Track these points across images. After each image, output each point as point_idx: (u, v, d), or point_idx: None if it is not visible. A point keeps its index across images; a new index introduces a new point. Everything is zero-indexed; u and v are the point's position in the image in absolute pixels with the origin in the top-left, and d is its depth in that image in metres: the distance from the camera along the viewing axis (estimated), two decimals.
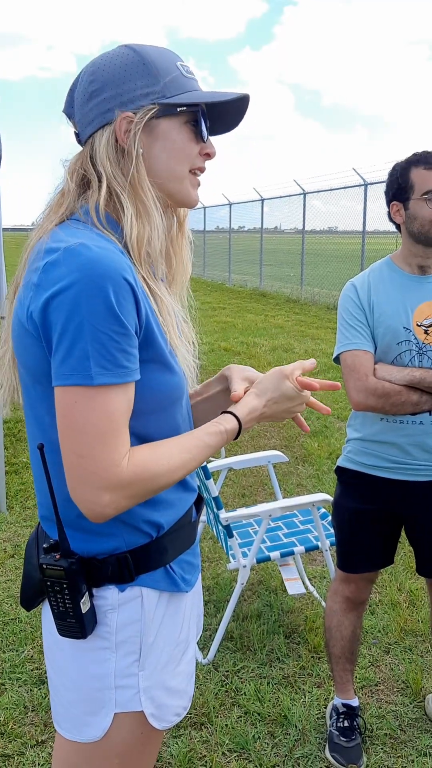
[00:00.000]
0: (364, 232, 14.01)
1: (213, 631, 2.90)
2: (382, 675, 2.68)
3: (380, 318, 2.03)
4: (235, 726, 2.39)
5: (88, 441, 1.00)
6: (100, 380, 0.99)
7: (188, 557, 1.27)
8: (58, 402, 1.01)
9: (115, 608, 1.15)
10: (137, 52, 1.13)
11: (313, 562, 3.55)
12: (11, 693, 2.54)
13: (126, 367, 1.02)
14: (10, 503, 4.28)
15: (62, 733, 1.21)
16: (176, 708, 1.25)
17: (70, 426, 1.01)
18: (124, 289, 1.00)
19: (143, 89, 1.11)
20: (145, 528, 1.16)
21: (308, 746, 2.30)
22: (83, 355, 0.98)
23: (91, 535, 1.13)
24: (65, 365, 0.99)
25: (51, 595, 1.11)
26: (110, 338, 0.99)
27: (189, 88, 1.16)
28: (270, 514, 2.71)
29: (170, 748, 2.28)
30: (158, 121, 1.13)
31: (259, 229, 19.78)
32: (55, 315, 0.99)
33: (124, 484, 1.02)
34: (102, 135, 1.12)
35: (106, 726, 1.16)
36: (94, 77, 1.13)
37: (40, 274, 1.02)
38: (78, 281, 0.98)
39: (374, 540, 2.21)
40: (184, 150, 1.16)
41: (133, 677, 1.17)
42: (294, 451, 5.36)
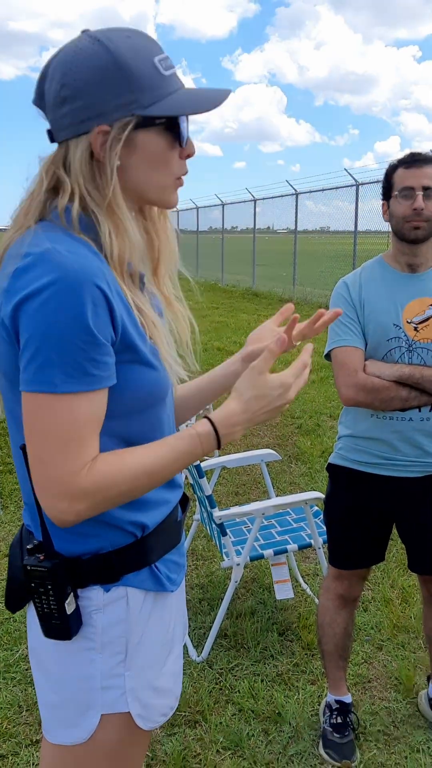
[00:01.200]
0: (355, 232, 14.05)
1: (207, 629, 2.90)
2: (374, 672, 2.69)
3: (370, 315, 2.05)
4: (229, 723, 2.40)
5: (48, 447, 0.99)
6: (63, 388, 0.97)
7: (174, 557, 1.26)
8: (23, 407, 1.00)
9: (101, 609, 1.14)
10: (111, 52, 1.03)
11: (306, 560, 3.57)
12: (5, 692, 2.54)
13: (93, 375, 0.99)
14: (4, 502, 4.27)
15: (47, 736, 1.20)
16: (163, 708, 1.24)
17: (34, 431, 1.00)
18: (95, 296, 0.98)
19: (119, 99, 1.04)
20: (129, 528, 1.15)
21: (302, 743, 2.31)
22: (47, 362, 0.96)
23: (74, 536, 1.12)
24: (29, 371, 0.98)
25: (35, 596, 1.10)
26: (78, 348, 0.97)
27: (168, 91, 1.08)
28: (263, 512, 2.72)
29: (165, 746, 2.28)
30: (135, 133, 1.07)
31: (252, 230, 19.80)
32: (24, 320, 0.97)
33: (81, 493, 1.00)
34: (77, 145, 1.06)
35: (92, 727, 1.15)
36: (65, 81, 1.04)
37: (10, 279, 0.99)
38: (47, 287, 0.95)
39: (366, 536, 2.22)
40: (165, 159, 1.11)
41: (119, 678, 1.16)
42: (287, 449, 5.38)
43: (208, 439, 1.11)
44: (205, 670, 2.68)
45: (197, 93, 1.11)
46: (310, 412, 6.38)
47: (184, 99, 1.09)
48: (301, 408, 6.51)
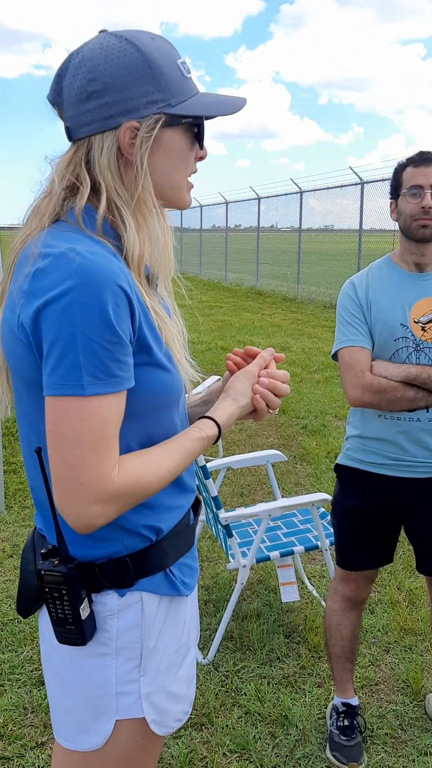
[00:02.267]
0: (360, 231, 14.03)
1: (213, 631, 2.89)
2: (382, 674, 2.68)
3: (378, 315, 2.04)
4: (235, 726, 2.38)
5: (79, 451, 0.98)
6: (92, 390, 0.97)
7: (187, 560, 1.25)
8: (48, 411, 0.99)
9: (115, 614, 1.13)
10: (141, 51, 1.06)
11: (312, 562, 3.55)
12: (10, 694, 2.53)
13: (118, 376, 0.99)
14: (8, 503, 4.26)
15: (62, 742, 1.19)
16: (177, 713, 1.23)
17: (61, 436, 0.98)
18: (119, 297, 0.98)
19: (149, 96, 1.06)
20: (144, 532, 1.14)
21: (309, 746, 2.30)
22: (75, 364, 0.95)
23: (90, 540, 1.11)
24: (56, 375, 0.96)
25: (50, 601, 1.09)
26: (103, 348, 0.96)
27: (191, 93, 1.12)
28: (269, 513, 2.70)
29: (171, 749, 2.27)
30: (162, 131, 1.08)
31: (256, 228, 19.78)
32: (47, 324, 0.96)
33: (114, 495, 1.00)
34: (103, 142, 1.06)
35: (107, 733, 1.14)
36: (94, 75, 1.04)
37: (30, 281, 0.99)
38: (71, 289, 0.95)
39: (373, 537, 2.20)
40: (185, 159, 1.14)
41: (134, 683, 1.15)
42: (292, 450, 5.36)
43: (212, 439, 1.17)
44: (211, 673, 2.67)
45: (217, 97, 1.15)
46: (316, 412, 6.37)
47: (208, 101, 1.13)
48: (306, 408, 6.49)
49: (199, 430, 1.15)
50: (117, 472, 1.01)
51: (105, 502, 0.99)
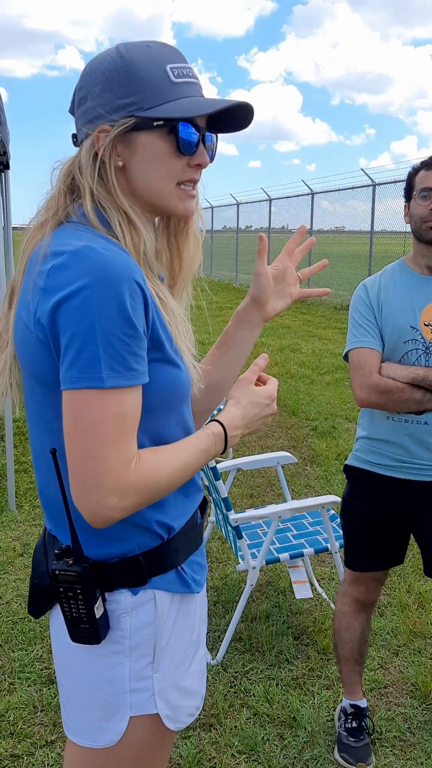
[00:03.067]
0: (372, 233, 13.99)
1: (222, 632, 2.90)
2: (391, 677, 2.68)
3: (388, 317, 2.05)
4: (244, 727, 2.39)
5: (100, 443, 0.99)
6: (111, 383, 0.98)
7: (197, 558, 1.26)
8: (66, 405, 1.00)
9: (128, 612, 1.14)
10: (123, 57, 1.08)
11: (322, 564, 3.55)
12: (21, 692, 2.54)
13: (136, 369, 1.01)
14: (19, 502, 4.29)
15: (75, 740, 1.20)
16: (189, 708, 1.25)
17: (81, 428, 0.99)
18: (135, 291, 1.00)
19: (121, 100, 1.08)
20: (157, 530, 1.16)
21: (317, 748, 2.30)
22: (94, 358, 0.97)
23: (103, 539, 1.13)
24: (75, 368, 0.98)
25: (64, 601, 1.10)
26: (121, 341, 0.98)
27: (174, 96, 1.09)
28: (279, 515, 2.71)
29: (179, 749, 2.28)
30: (137, 135, 1.09)
31: (267, 229, 19.77)
32: (65, 319, 0.98)
33: (132, 487, 1.01)
34: (87, 145, 1.10)
35: (121, 730, 1.15)
36: (81, 84, 1.11)
37: (46, 278, 1.00)
38: (89, 285, 0.97)
39: (382, 538, 2.21)
40: (165, 164, 1.11)
41: (147, 680, 1.16)
42: (302, 451, 5.36)
43: (220, 440, 1.18)
44: (219, 674, 2.67)
45: (201, 100, 1.12)
46: (326, 414, 6.36)
47: (186, 105, 1.10)
48: (316, 410, 6.48)
49: (204, 428, 1.18)
50: (134, 464, 1.02)
51: (123, 494, 1.01)
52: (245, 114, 1.16)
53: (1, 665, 2.71)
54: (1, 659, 2.75)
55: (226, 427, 1.19)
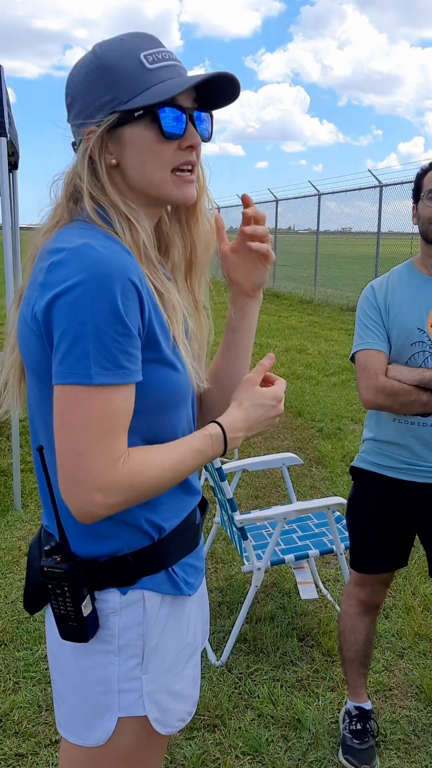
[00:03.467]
0: (378, 234, 13.98)
1: (226, 633, 2.90)
2: (395, 680, 2.67)
3: (395, 319, 2.05)
4: (248, 729, 2.39)
5: (86, 439, 0.99)
6: (99, 380, 0.98)
7: (191, 560, 1.26)
8: (56, 400, 1.01)
9: (117, 611, 1.14)
10: (97, 55, 1.09)
11: (327, 565, 3.55)
12: (25, 692, 2.55)
13: (126, 368, 1.01)
14: (25, 501, 4.29)
15: (66, 736, 1.20)
16: (181, 713, 1.24)
17: (68, 424, 1.00)
18: (129, 290, 1.00)
19: (101, 99, 1.08)
20: (146, 528, 1.16)
21: (322, 750, 2.30)
22: (84, 354, 0.97)
23: (92, 537, 1.13)
24: (65, 364, 0.99)
25: (52, 598, 1.11)
26: (112, 339, 0.98)
27: (150, 83, 1.07)
28: (285, 516, 2.71)
29: (183, 750, 2.28)
30: (122, 129, 1.09)
31: (273, 230, 19.77)
32: (58, 315, 0.99)
33: (118, 485, 1.01)
34: (81, 149, 1.12)
35: (110, 730, 1.15)
36: (67, 90, 1.13)
37: (45, 274, 1.02)
38: (83, 281, 0.97)
39: (387, 540, 2.20)
40: (154, 152, 1.10)
41: (136, 681, 1.16)
42: (307, 453, 5.35)
43: (218, 441, 1.16)
44: (224, 675, 2.67)
45: (177, 80, 1.09)
46: (331, 415, 6.35)
47: (162, 88, 1.08)
48: (322, 411, 6.48)
49: (203, 430, 1.17)
50: (122, 462, 1.02)
51: (108, 490, 1.01)
52: (232, 86, 1.13)
53: (6, 664, 2.72)
54: (6, 658, 2.75)
55: (225, 429, 1.17)
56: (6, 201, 3.83)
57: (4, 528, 3.95)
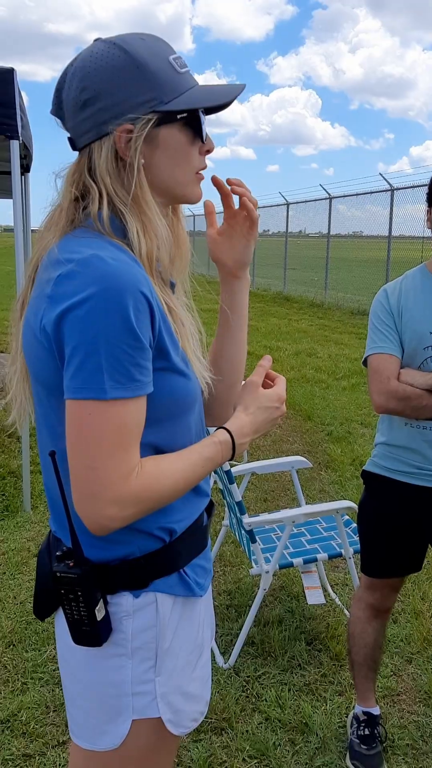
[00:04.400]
0: (389, 237, 13.94)
1: (234, 636, 2.89)
2: (404, 685, 2.66)
3: (408, 323, 2.04)
4: (255, 732, 2.38)
5: (99, 454, 0.99)
6: (113, 394, 0.98)
7: (201, 561, 1.26)
8: (69, 415, 1.01)
9: (130, 614, 1.14)
10: (128, 53, 1.06)
11: (335, 569, 3.54)
12: (33, 693, 2.55)
13: (139, 380, 1.01)
14: (34, 503, 4.31)
15: (78, 742, 1.20)
16: (193, 713, 1.24)
17: (82, 439, 1.00)
18: (140, 302, 0.99)
19: (139, 97, 1.06)
20: (158, 533, 1.16)
21: (329, 755, 2.29)
22: (97, 368, 0.97)
23: (103, 543, 1.12)
24: (78, 379, 0.98)
25: (65, 603, 1.11)
26: (124, 352, 0.98)
27: (184, 87, 1.10)
28: (293, 520, 2.70)
29: (190, 752, 2.28)
30: (157, 130, 1.09)
31: (284, 233, 19.75)
32: (70, 328, 0.98)
33: (132, 498, 1.02)
34: (100, 147, 1.08)
35: (123, 733, 1.15)
36: (85, 84, 1.06)
37: (54, 286, 1.00)
38: (94, 295, 0.96)
39: (399, 545, 2.19)
40: (186, 155, 1.13)
41: (149, 683, 1.16)
42: (317, 456, 5.34)
43: (227, 447, 1.17)
44: (231, 677, 2.67)
45: (213, 88, 1.14)
46: (341, 419, 6.34)
47: (202, 94, 1.11)
48: (331, 415, 6.46)
49: (212, 437, 1.18)
50: (135, 474, 1.02)
51: (123, 504, 1.01)
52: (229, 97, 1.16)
53: (15, 665, 2.72)
54: (15, 659, 2.76)
55: (233, 435, 1.18)
56: (18, 203, 3.84)
57: (14, 529, 3.96)
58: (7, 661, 2.75)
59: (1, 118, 3.57)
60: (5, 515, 4.14)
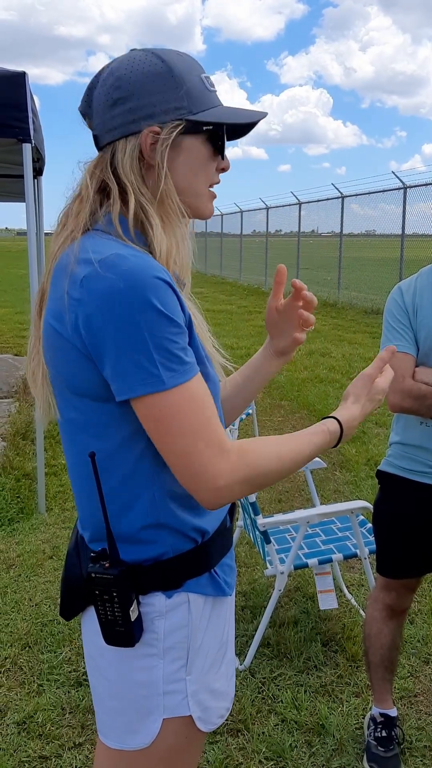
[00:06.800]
0: (403, 236, 13.87)
1: (249, 637, 2.88)
2: (421, 686, 2.64)
3: (423, 321, 2.02)
4: (272, 734, 2.37)
5: (187, 440, 1.02)
6: (172, 383, 1.00)
7: (228, 560, 1.27)
8: (140, 413, 1.03)
9: (163, 615, 1.15)
10: (165, 61, 1.11)
11: (351, 570, 3.52)
12: (49, 694, 2.56)
13: (188, 362, 1.03)
14: (49, 505, 4.32)
15: (107, 742, 1.21)
16: (220, 709, 1.26)
17: (164, 431, 1.02)
18: (164, 290, 1.00)
19: (171, 103, 1.10)
20: (192, 534, 1.16)
21: (346, 756, 2.28)
22: (150, 362, 0.99)
23: (137, 544, 1.13)
24: (133, 377, 0.99)
25: (99, 604, 1.11)
26: (168, 340, 1.00)
27: (212, 104, 1.15)
28: (308, 521, 2.69)
29: (207, 754, 2.27)
30: (182, 137, 1.12)
31: (297, 233, 19.72)
32: (107, 329, 0.98)
33: (232, 467, 1.04)
34: (125, 146, 1.11)
35: (154, 732, 1.16)
36: (119, 83, 1.10)
37: (80, 288, 1.01)
38: (124, 293, 0.97)
39: (414, 545, 2.18)
40: (205, 167, 1.17)
41: (180, 682, 1.17)
42: (331, 456, 5.32)
43: (334, 437, 1.21)
44: (247, 679, 2.66)
45: (237, 110, 1.19)
46: None
47: (228, 112, 1.17)
48: None
49: (321, 424, 1.20)
50: (230, 445, 1.06)
51: (228, 474, 1.04)
52: (248, 127, 1.22)
53: (30, 667, 2.73)
54: (30, 661, 2.77)
55: (343, 425, 1.21)
56: (31, 207, 3.86)
57: (28, 531, 3.98)
58: (23, 663, 2.76)
59: (14, 122, 3.59)
60: (20, 517, 4.16)
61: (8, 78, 3.54)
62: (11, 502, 4.30)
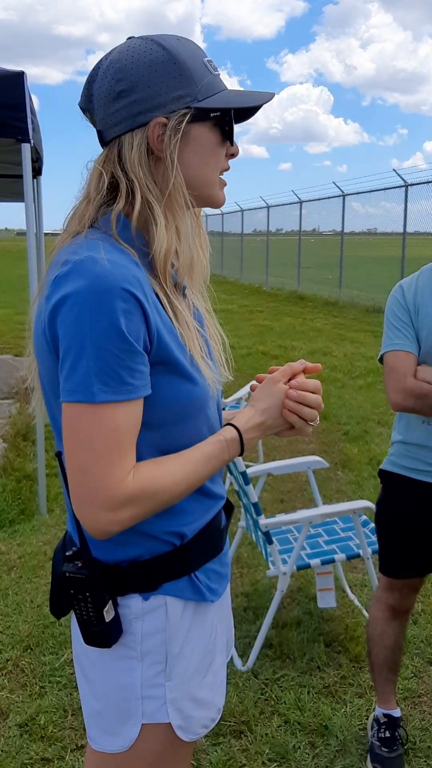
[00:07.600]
0: (404, 234, 13.85)
1: (252, 639, 2.87)
2: (425, 686, 2.63)
3: (425, 320, 2.01)
4: (275, 735, 2.36)
5: (91, 457, 0.99)
6: (102, 398, 0.97)
7: (215, 566, 1.24)
8: (64, 417, 1.01)
9: (140, 617, 1.13)
10: (166, 48, 1.07)
11: (353, 570, 3.51)
12: (51, 696, 2.55)
13: (130, 384, 0.99)
14: (50, 506, 4.31)
15: (91, 743, 1.21)
16: (204, 720, 1.23)
17: (75, 442, 1.00)
18: (130, 303, 0.98)
19: (176, 91, 1.07)
20: (166, 537, 1.14)
21: (349, 757, 2.27)
22: (86, 372, 0.96)
23: (112, 544, 1.12)
24: (69, 382, 0.98)
25: (75, 603, 1.11)
26: (113, 355, 0.96)
27: (218, 89, 1.11)
28: (310, 521, 2.68)
29: (209, 756, 2.26)
30: (190, 126, 1.09)
31: (297, 232, 19.70)
32: (62, 331, 0.98)
33: (127, 501, 1.00)
34: (132, 140, 1.07)
35: (133, 736, 1.15)
36: (121, 75, 1.06)
37: (51, 287, 1.00)
38: (84, 298, 0.96)
39: (417, 545, 2.16)
40: (214, 154, 1.13)
41: (159, 688, 1.15)
42: (333, 456, 5.31)
43: (234, 444, 1.16)
44: (250, 680, 2.65)
45: (244, 92, 1.15)
46: (357, 418, 6.30)
47: (234, 96, 1.13)
48: (348, 414, 6.42)
49: (217, 434, 1.16)
50: (131, 477, 1.01)
51: (117, 508, 1.00)
52: (254, 108, 1.18)
53: (32, 669, 2.72)
54: (32, 663, 2.76)
55: (240, 430, 1.16)
56: (30, 207, 3.85)
57: (29, 532, 3.97)
58: (25, 665, 2.75)
59: (13, 122, 3.58)
60: (21, 519, 4.15)
61: (7, 78, 3.54)
62: (12, 503, 4.29)
